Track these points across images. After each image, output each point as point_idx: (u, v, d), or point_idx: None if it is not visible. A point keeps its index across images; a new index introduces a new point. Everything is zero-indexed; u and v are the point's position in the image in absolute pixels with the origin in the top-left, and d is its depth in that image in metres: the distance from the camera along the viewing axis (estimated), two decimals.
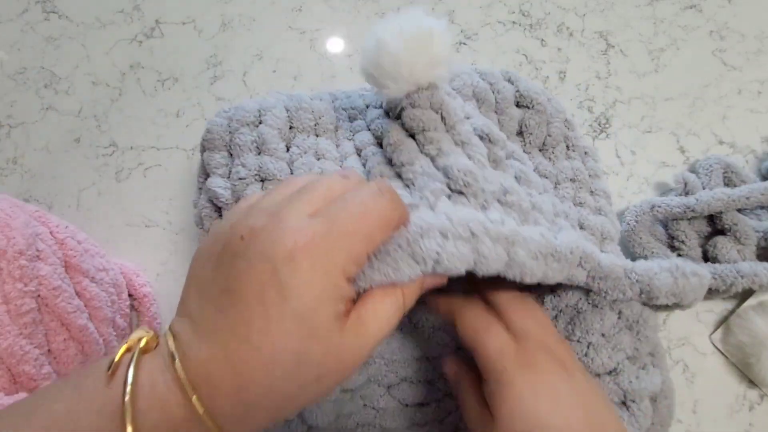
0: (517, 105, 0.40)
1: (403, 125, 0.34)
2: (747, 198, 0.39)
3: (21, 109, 0.49)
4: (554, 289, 0.34)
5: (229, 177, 0.36)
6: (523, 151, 0.39)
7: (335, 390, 0.35)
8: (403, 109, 0.33)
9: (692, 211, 0.39)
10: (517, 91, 0.40)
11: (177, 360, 0.19)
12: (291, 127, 0.38)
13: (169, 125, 0.48)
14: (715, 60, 0.49)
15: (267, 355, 0.19)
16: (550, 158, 0.40)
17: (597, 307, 0.33)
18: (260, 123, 0.37)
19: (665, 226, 0.41)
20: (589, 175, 0.40)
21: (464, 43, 0.50)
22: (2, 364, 0.30)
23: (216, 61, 0.50)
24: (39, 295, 0.33)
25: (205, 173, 0.37)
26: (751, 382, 0.38)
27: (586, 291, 0.33)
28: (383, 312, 0.22)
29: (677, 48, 0.49)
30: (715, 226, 0.40)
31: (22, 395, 0.30)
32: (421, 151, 0.33)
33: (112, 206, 0.45)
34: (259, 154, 0.36)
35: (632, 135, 0.46)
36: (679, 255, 0.40)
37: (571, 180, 0.39)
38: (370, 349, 0.21)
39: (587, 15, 0.51)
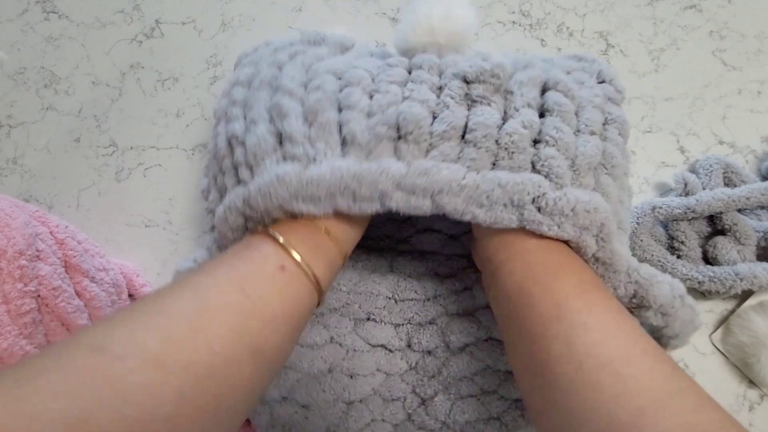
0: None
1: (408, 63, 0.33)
2: (747, 198, 0.39)
3: (21, 109, 0.49)
4: None
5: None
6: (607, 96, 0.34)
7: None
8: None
9: (693, 211, 0.39)
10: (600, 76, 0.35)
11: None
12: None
13: (169, 125, 0.48)
14: (715, 60, 0.49)
15: None
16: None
17: None
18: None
19: (665, 227, 0.41)
20: (623, 173, 0.36)
21: None
22: (2, 364, 0.30)
23: (216, 61, 0.50)
24: (39, 295, 0.33)
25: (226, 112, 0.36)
26: (751, 382, 0.38)
27: None
28: None
29: (677, 48, 0.49)
30: (715, 226, 0.40)
31: None
32: (403, 86, 0.32)
33: (112, 206, 0.45)
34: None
35: (632, 135, 0.46)
36: (678, 256, 0.40)
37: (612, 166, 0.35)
38: None
39: (587, 15, 0.51)
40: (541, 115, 0.31)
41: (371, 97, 0.31)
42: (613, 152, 0.31)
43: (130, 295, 0.41)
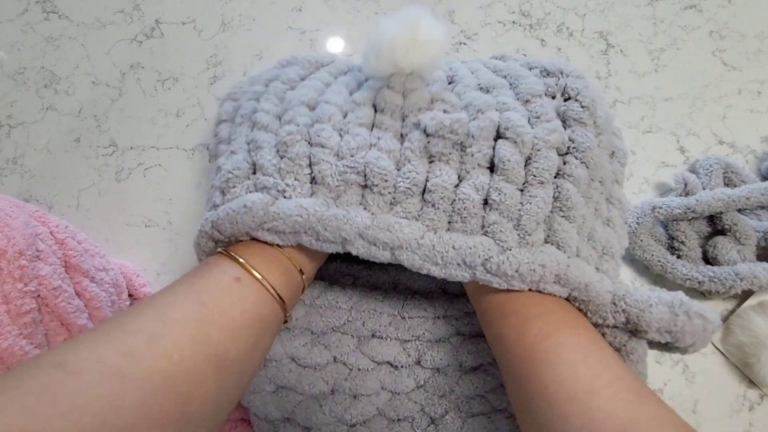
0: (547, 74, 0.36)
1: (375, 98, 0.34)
2: (747, 198, 0.39)
3: (21, 109, 0.49)
4: None
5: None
6: (579, 120, 0.33)
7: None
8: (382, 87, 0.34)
9: (693, 211, 0.39)
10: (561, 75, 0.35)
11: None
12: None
13: (169, 125, 0.48)
14: (715, 60, 0.49)
15: None
16: (600, 144, 0.34)
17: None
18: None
19: (665, 227, 0.41)
20: (613, 181, 0.37)
21: (464, 43, 0.50)
22: (2, 364, 0.30)
23: (216, 61, 0.50)
24: (39, 295, 0.33)
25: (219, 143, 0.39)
26: (751, 382, 0.38)
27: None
28: None
29: (677, 48, 0.49)
30: (715, 226, 0.40)
31: None
32: (369, 129, 0.33)
33: (112, 206, 0.45)
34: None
35: (632, 135, 0.46)
36: (678, 256, 0.40)
37: (600, 181, 0.35)
38: None
39: (587, 15, 0.51)
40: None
41: (341, 135, 0.33)
42: (568, 193, 0.31)
43: (130, 295, 0.41)
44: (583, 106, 0.33)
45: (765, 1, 0.51)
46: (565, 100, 0.34)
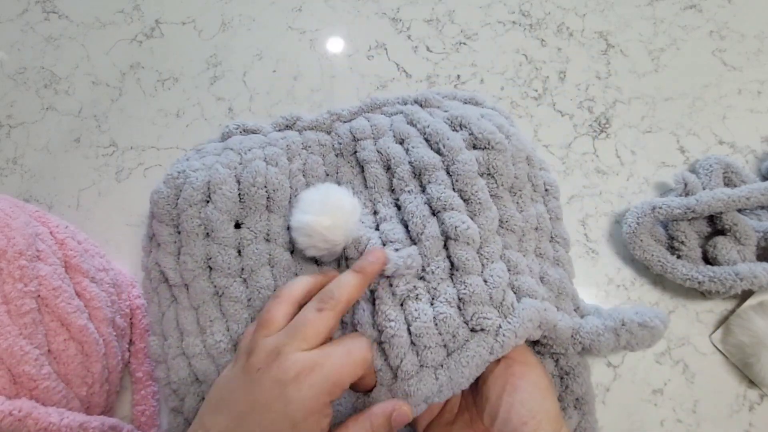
0: (475, 147, 0.37)
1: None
2: (747, 198, 0.39)
3: (21, 109, 0.49)
4: None
5: (178, 256, 0.37)
6: (494, 194, 0.37)
7: None
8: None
9: (693, 211, 0.39)
10: (471, 134, 0.37)
11: None
12: (242, 200, 0.37)
13: (169, 125, 0.48)
14: (715, 60, 0.49)
15: None
16: (518, 203, 0.38)
17: (539, 354, 0.36)
18: (208, 201, 0.36)
19: (665, 227, 0.41)
20: (550, 218, 0.40)
21: (464, 43, 0.50)
22: (2, 365, 0.30)
23: (216, 61, 0.50)
24: (39, 295, 0.33)
25: (154, 239, 0.38)
26: (751, 382, 0.38)
27: (533, 342, 0.36)
28: None
29: (677, 48, 0.49)
30: (715, 226, 0.40)
31: (23, 400, 0.30)
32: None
33: (112, 206, 0.45)
34: (207, 236, 0.36)
35: (632, 135, 0.46)
36: (678, 256, 0.40)
37: (535, 229, 0.38)
38: None
39: (587, 15, 0.51)
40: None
41: None
42: (514, 258, 0.35)
43: None
44: (496, 150, 0.37)
45: (765, 1, 0.51)
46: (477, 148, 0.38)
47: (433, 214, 0.35)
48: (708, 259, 0.40)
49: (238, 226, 0.37)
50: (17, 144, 0.48)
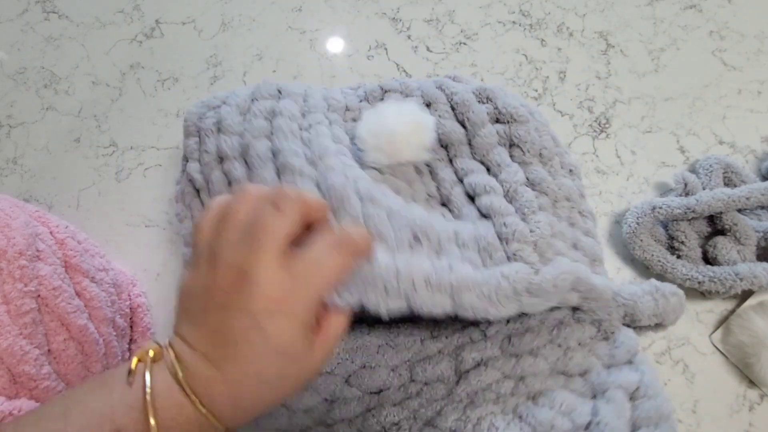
0: (497, 121, 0.40)
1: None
2: (747, 198, 0.39)
3: (21, 109, 0.49)
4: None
5: (200, 161, 0.40)
6: (522, 161, 0.39)
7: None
8: (381, 173, 0.38)
9: (693, 211, 0.39)
10: (495, 108, 0.39)
11: (181, 374, 0.24)
12: (253, 100, 0.40)
13: (169, 125, 0.48)
14: (715, 60, 0.49)
15: (256, 378, 0.25)
16: (549, 171, 0.39)
17: (579, 322, 0.36)
18: (223, 104, 0.41)
19: (665, 227, 0.41)
20: (579, 195, 0.40)
21: (464, 43, 0.50)
22: (2, 364, 0.30)
23: (216, 61, 0.50)
24: (39, 295, 0.33)
25: (185, 157, 0.41)
26: (751, 382, 0.38)
27: (573, 308, 0.35)
28: (339, 325, 0.28)
29: (677, 48, 0.49)
30: (715, 226, 0.40)
31: (23, 400, 0.30)
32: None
33: (112, 206, 0.45)
34: (219, 132, 0.39)
35: (632, 135, 0.46)
36: (678, 256, 0.40)
37: (566, 199, 0.39)
38: (331, 352, 0.28)
39: (587, 15, 0.51)
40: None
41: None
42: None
43: None
44: (516, 115, 0.39)
45: (765, 1, 0.51)
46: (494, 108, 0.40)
47: (460, 181, 0.39)
48: (708, 259, 0.40)
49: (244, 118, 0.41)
50: (17, 144, 0.48)
